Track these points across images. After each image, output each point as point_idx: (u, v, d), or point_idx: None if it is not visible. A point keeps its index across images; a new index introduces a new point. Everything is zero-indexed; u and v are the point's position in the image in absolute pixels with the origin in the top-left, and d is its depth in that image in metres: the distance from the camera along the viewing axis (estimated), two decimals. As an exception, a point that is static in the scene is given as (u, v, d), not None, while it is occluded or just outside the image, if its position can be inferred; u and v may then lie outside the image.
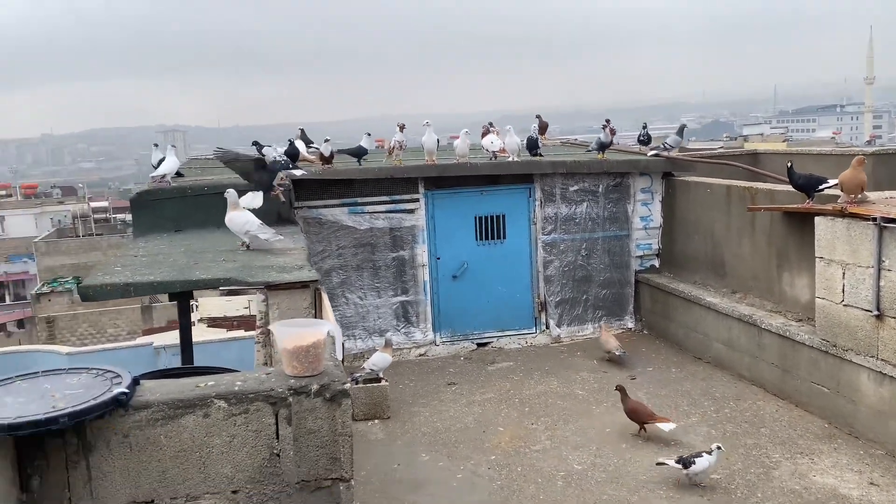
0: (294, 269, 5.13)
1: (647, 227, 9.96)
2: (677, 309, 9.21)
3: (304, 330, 2.99)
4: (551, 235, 9.77)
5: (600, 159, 9.78)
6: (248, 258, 5.57)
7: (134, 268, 5.15)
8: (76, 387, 2.78)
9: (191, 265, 5.24)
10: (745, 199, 8.19)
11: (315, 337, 2.98)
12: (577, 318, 9.94)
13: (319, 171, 9.11)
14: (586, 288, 9.93)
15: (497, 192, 9.69)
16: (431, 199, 9.54)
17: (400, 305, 9.52)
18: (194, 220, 7.25)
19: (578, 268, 9.88)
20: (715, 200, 8.84)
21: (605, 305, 9.99)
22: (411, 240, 9.49)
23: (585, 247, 9.86)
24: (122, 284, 4.61)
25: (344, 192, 9.27)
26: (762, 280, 8.04)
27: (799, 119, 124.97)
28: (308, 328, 3.02)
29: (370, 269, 9.41)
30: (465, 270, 9.67)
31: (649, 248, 10.04)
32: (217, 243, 6.20)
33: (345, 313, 9.33)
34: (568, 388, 8.15)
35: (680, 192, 9.62)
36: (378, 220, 9.38)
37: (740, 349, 7.98)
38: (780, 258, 7.72)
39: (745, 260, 8.33)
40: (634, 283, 10.03)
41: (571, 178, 9.73)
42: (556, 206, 9.76)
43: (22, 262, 50.28)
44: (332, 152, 9.32)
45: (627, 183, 9.87)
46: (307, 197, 9.11)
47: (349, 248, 9.33)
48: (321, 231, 9.23)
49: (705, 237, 9.07)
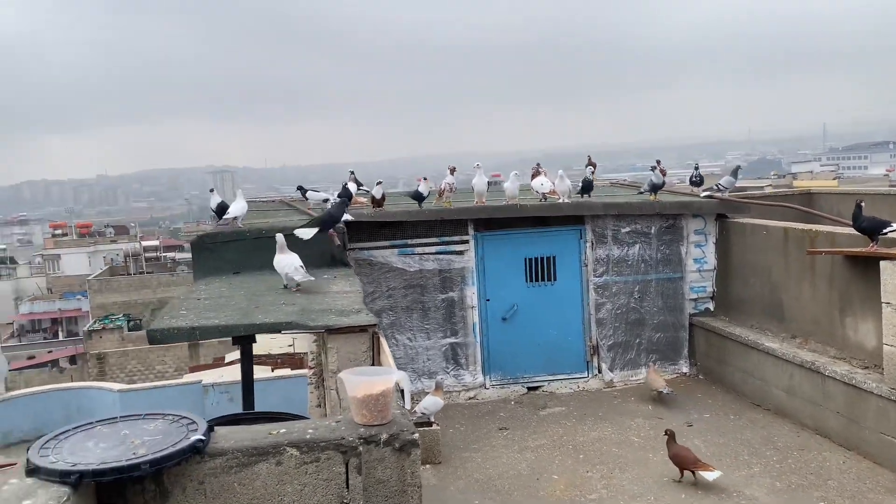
0: (352, 313, 5.18)
1: (700, 269, 9.81)
2: (734, 354, 8.99)
3: (374, 378, 3.01)
4: (603, 277, 9.69)
5: (652, 201, 9.71)
6: (306, 301, 5.65)
7: (198, 311, 5.26)
8: (154, 433, 2.83)
9: (252, 309, 5.33)
10: (804, 242, 8.02)
11: (384, 385, 2.99)
12: (631, 362, 9.78)
13: (371, 214, 9.23)
14: (639, 331, 9.78)
15: (547, 233, 9.67)
16: (481, 240, 9.57)
17: (449, 347, 9.50)
18: (252, 262, 7.39)
19: (631, 310, 9.75)
20: (772, 243, 8.67)
21: (659, 349, 9.82)
22: (461, 281, 9.50)
23: (638, 289, 9.74)
24: (188, 328, 4.71)
25: (394, 233, 9.37)
26: (824, 325, 7.82)
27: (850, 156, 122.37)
28: (377, 377, 3.04)
29: (420, 311, 9.44)
30: (515, 312, 9.62)
31: (703, 290, 9.87)
32: (276, 286, 6.30)
33: (394, 355, 9.31)
34: (623, 434, 7.98)
35: (735, 235, 9.47)
36: (428, 262, 9.43)
37: (802, 397, 7.73)
38: (843, 302, 7.50)
39: (805, 304, 8.12)
40: (689, 326, 9.84)
41: (623, 219, 9.67)
42: (608, 248, 9.69)
43: (76, 299, 51.73)
44: (384, 195, 9.45)
45: (680, 224, 9.76)
46: (358, 239, 9.22)
47: (399, 289, 9.38)
48: (372, 272, 9.31)
49: (762, 280, 8.88)
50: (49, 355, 45.69)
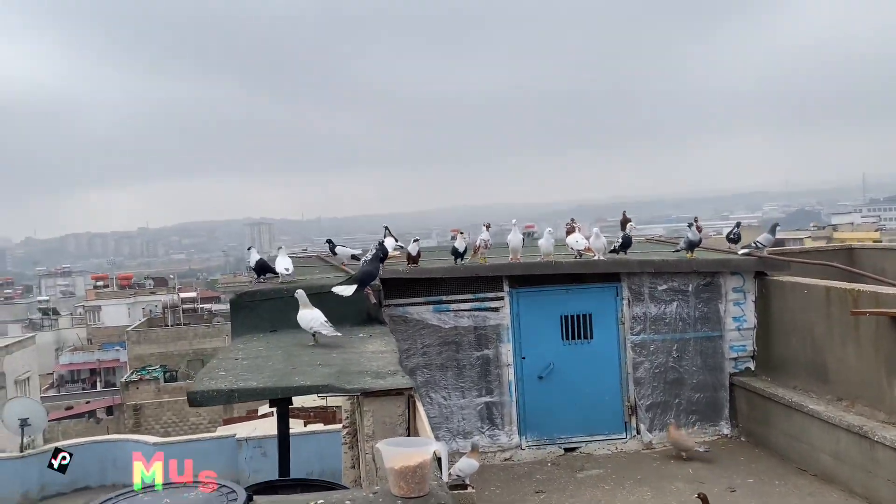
0: (388, 375, 5.18)
1: (740, 327, 9.63)
2: (777, 416, 8.74)
3: (411, 450, 2.99)
4: (640, 336, 9.56)
5: (689, 258, 9.62)
6: (343, 362, 5.67)
7: (237, 372, 5.31)
8: (195, 502, 2.85)
9: (290, 370, 5.37)
10: (847, 302, 7.84)
11: (422, 457, 2.97)
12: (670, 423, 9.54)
13: (406, 270, 9.29)
14: (678, 391, 9.58)
15: (583, 290, 9.61)
16: (516, 297, 9.54)
17: (485, 406, 9.40)
18: (289, 320, 7.42)
19: (669, 370, 9.58)
20: (813, 302, 8.50)
21: (699, 410, 9.59)
22: (496, 338, 9.45)
23: (676, 348, 9.58)
24: (227, 391, 4.75)
25: (429, 290, 9.38)
26: (871, 388, 7.57)
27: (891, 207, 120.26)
28: (414, 448, 3.02)
29: (454, 369, 9.38)
30: (551, 371, 9.51)
31: (744, 349, 9.66)
32: (312, 345, 6.34)
33: (429, 414, 9.23)
34: (662, 499, 7.76)
35: (774, 293, 9.31)
36: (462, 319, 9.41)
37: (851, 463, 7.46)
38: (890, 365, 7.28)
39: (850, 366, 7.89)
40: (729, 386, 9.62)
41: (660, 276, 9.58)
42: (645, 306, 9.58)
43: (114, 350, 52.53)
44: (420, 251, 9.51)
45: (718, 282, 9.64)
46: (393, 295, 9.26)
47: (434, 346, 9.35)
48: (406, 329, 9.31)
49: (804, 340, 8.68)
50: (86, 406, 46.21)
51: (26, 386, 32.82)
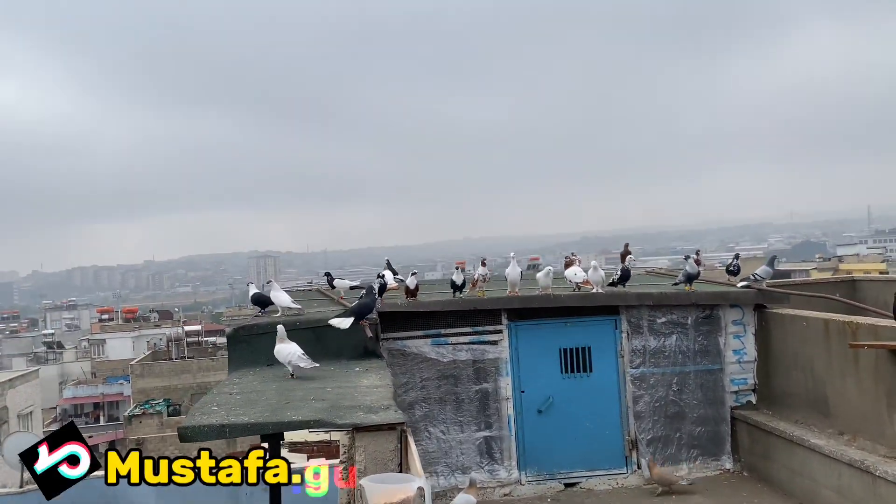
0: (381, 410, 5.17)
1: (740, 360, 9.58)
2: (779, 450, 8.65)
3: (394, 487, 2.99)
4: (640, 369, 9.52)
5: (688, 291, 9.61)
6: (336, 396, 5.66)
7: (229, 407, 5.30)
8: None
9: (283, 404, 5.36)
10: (846, 334, 7.81)
11: (404, 494, 2.96)
12: (671, 457, 9.45)
13: (404, 304, 9.30)
14: (679, 425, 9.49)
15: (582, 323, 9.59)
16: (515, 330, 9.52)
17: (483, 441, 9.32)
18: (286, 354, 7.47)
19: (670, 403, 9.51)
20: (812, 334, 8.46)
21: (700, 444, 9.49)
22: (495, 372, 9.42)
23: (677, 381, 9.52)
24: (218, 426, 4.75)
25: (427, 323, 9.37)
26: (872, 422, 7.50)
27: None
28: (397, 485, 3.01)
29: (453, 403, 9.33)
30: (550, 405, 9.45)
31: (745, 382, 9.60)
32: (305, 380, 6.34)
33: (427, 448, 9.20)
34: (663, 535, 7.65)
35: (774, 325, 9.28)
36: (461, 352, 9.38)
37: (853, 498, 7.35)
38: (891, 398, 7.22)
39: (851, 399, 7.83)
40: (730, 420, 9.54)
41: (658, 309, 9.56)
42: (644, 339, 9.55)
43: (118, 383, 52.33)
44: (418, 285, 9.53)
45: (718, 315, 9.61)
46: (391, 328, 9.25)
47: (432, 380, 9.32)
48: (405, 363, 9.28)
49: (804, 373, 8.62)
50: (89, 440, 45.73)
51: (29, 420, 32.68)
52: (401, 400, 9.22)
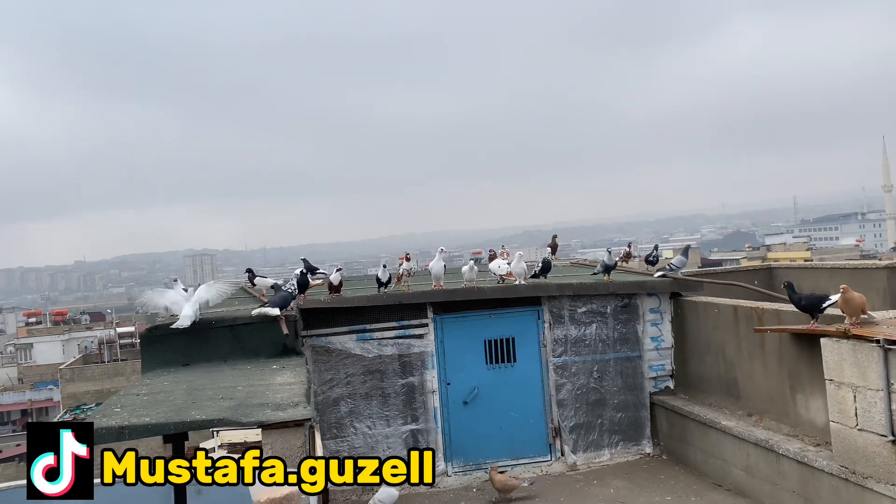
0: (289, 407, 5.13)
1: (658, 347, 9.86)
2: (694, 433, 8.95)
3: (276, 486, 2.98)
4: (562, 357, 9.70)
5: (606, 281, 9.82)
6: (246, 395, 5.59)
7: (132, 408, 5.18)
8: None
9: (189, 404, 5.27)
10: (753, 319, 8.13)
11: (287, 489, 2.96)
12: (594, 443, 9.68)
13: (328, 300, 9.24)
14: (601, 411, 9.72)
15: (505, 314, 9.72)
16: (440, 323, 9.58)
17: (410, 434, 9.35)
18: (202, 353, 7.35)
19: (591, 390, 9.72)
20: (723, 320, 8.78)
21: (621, 430, 9.74)
22: (420, 365, 9.45)
23: (597, 368, 9.74)
24: (116, 428, 4.63)
25: (352, 319, 9.35)
26: (777, 402, 7.84)
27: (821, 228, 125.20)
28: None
29: (379, 397, 9.34)
30: (475, 396, 9.55)
31: (662, 368, 9.89)
32: (219, 379, 6.25)
33: (353, 444, 9.19)
34: (583, 520, 7.83)
35: (689, 313, 9.58)
36: (387, 347, 9.39)
37: (760, 476, 7.67)
38: (793, 380, 7.55)
39: (758, 381, 8.16)
40: (650, 405, 9.81)
41: (579, 299, 9.76)
42: (566, 328, 9.73)
43: (48, 389, 50.44)
44: (342, 281, 9.48)
45: (636, 304, 9.87)
46: (315, 325, 9.20)
47: (358, 375, 9.30)
48: (330, 359, 9.24)
49: (717, 358, 8.94)
50: (17, 448, 44.09)
51: (-51, 430, 31.19)
52: (325, 396, 9.18)
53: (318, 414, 8.93)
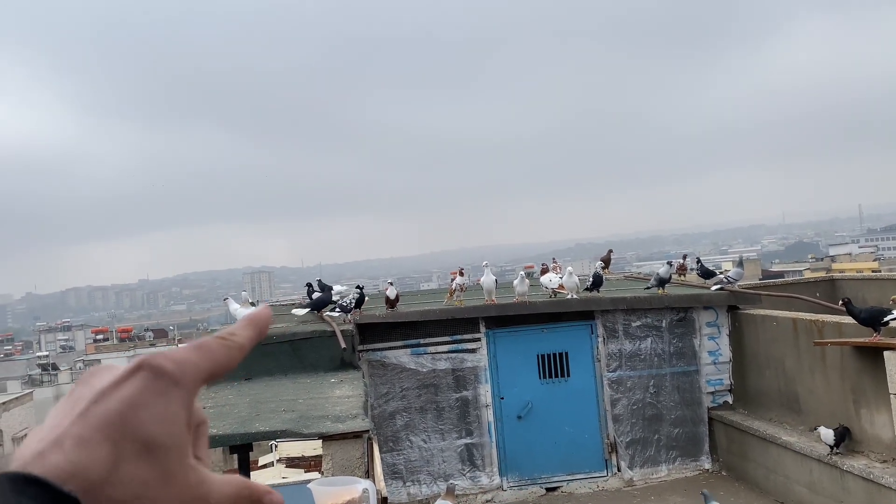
0: (348, 419, 5.29)
1: (716, 361, 9.72)
2: (754, 448, 8.78)
3: (339, 489, 3.10)
4: (616, 372, 9.65)
5: (661, 294, 9.75)
6: (307, 407, 5.78)
7: (199, 420, 5.42)
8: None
9: (253, 416, 5.48)
10: (813, 333, 7.97)
11: (350, 495, 3.08)
12: (650, 459, 9.58)
13: (383, 315, 9.42)
14: (657, 427, 9.62)
15: (558, 328, 9.73)
16: (493, 337, 9.65)
17: (465, 448, 9.43)
18: (263, 367, 7.59)
19: (648, 406, 9.64)
20: (782, 334, 8.62)
21: (679, 445, 9.62)
22: (474, 380, 9.53)
23: (653, 383, 9.66)
24: (185, 438, 4.85)
25: (407, 333, 9.50)
26: (839, 417, 7.64)
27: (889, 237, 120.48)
28: (343, 486, 3.13)
29: (434, 411, 9.45)
30: (529, 410, 9.58)
31: (721, 383, 9.74)
32: (280, 392, 6.46)
33: (409, 457, 9.31)
34: (640, 536, 7.76)
35: (747, 326, 9.43)
36: (440, 361, 9.51)
37: (824, 493, 7.49)
38: (856, 394, 7.37)
39: (820, 396, 7.98)
40: (708, 420, 9.67)
41: (633, 313, 9.70)
42: (620, 342, 9.69)
43: (114, 403, 52.10)
44: (398, 295, 9.65)
45: (692, 317, 9.76)
46: (371, 340, 9.38)
47: (412, 389, 9.43)
48: (385, 373, 9.40)
49: (776, 372, 8.77)
50: (85, 461, 45.75)
51: (23, 443, 32.52)
52: (381, 410, 9.35)
53: (375, 427, 9.10)
